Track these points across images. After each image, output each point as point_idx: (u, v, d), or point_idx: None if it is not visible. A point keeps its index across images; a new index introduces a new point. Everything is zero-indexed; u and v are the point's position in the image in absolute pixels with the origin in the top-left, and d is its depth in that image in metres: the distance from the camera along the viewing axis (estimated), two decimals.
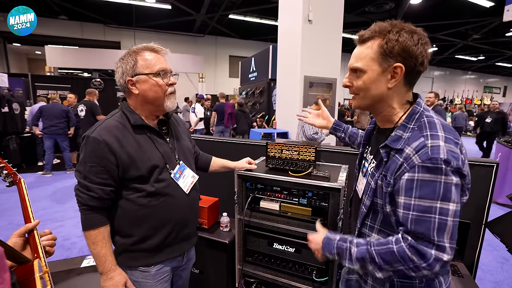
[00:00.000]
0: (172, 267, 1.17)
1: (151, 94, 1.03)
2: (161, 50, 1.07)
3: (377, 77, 0.77)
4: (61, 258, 2.55)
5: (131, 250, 1.06)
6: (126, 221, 1.05)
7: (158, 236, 1.07)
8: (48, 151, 5.13)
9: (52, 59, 9.76)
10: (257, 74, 7.61)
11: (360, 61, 0.79)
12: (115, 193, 1.03)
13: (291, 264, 1.41)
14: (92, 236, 0.98)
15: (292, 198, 1.37)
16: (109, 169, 0.98)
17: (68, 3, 10.00)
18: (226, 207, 1.81)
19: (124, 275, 1.03)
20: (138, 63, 1.01)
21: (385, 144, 0.78)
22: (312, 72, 3.81)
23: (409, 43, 0.73)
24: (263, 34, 13.51)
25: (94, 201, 0.98)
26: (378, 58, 0.76)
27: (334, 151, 1.72)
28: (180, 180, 1.12)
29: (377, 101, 0.81)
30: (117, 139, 0.99)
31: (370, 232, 0.86)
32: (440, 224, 0.66)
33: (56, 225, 3.21)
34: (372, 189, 0.82)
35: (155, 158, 1.05)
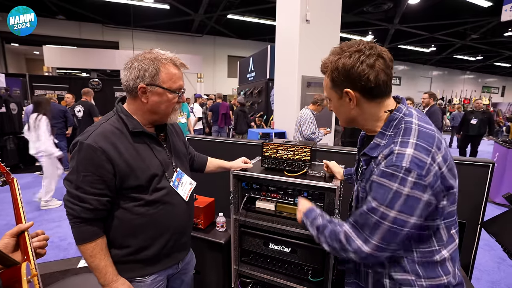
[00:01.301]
0: (167, 275, 1.13)
1: (161, 108, 0.99)
2: (183, 66, 1.03)
3: (339, 103, 0.85)
4: (58, 259, 2.55)
5: (126, 262, 1.01)
6: (122, 231, 0.99)
7: (155, 246, 1.03)
8: None
9: (50, 59, 9.74)
10: (255, 74, 7.60)
11: (325, 91, 0.88)
12: (111, 203, 0.96)
13: (286, 264, 1.40)
14: (89, 249, 0.92)
15: (287, 198, 1.37)
16: (106, 178, 0.91)
17: (66, 3, 9.98)
18: (222, 207, 1.81)
19: (127, 284, 0.99)
20: (160, 75, 0.95)
21: (363, 152, 0.82)
22: (310, 72, 3.81)
23: (348, 67, 0.77)
24: (261, 34, 13.51)
25: (88, 213, 0.91)
26: (333, 87, 0.83)
27: (331, 151, 1.72)
28: (179, 187, 1.09)
29: (352, 121, 0.87)
30: (114, 146, 0.92)
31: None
32: (375, 225, 0.71)
33: (53, 225, 3.20)
34: (356, 196, 0.87)
35: (154, 166, 1.00)
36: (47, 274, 2.27)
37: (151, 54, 0.97)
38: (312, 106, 3.31)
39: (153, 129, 1.08)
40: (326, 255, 1.29)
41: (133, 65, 0.95)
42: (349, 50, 0.77)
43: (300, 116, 3.27)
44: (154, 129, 1.08)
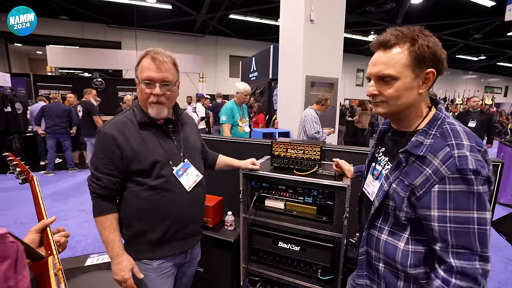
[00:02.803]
0: (175, 263, 1.20)
1: (139, 98, 1.11)
2: (157, 59, 1.04)
3: (410, 84, 0.76)
4: (66, 257, 2.57)
5: (134, 242, 1.12)
6: (129, 212, 1.11)
7: (157, 231, 1.11)
8: (50, 151, 5.15)
9: (53, 59, 9.78)
10: (258, 74, 7.60)
11: (391, 68, 0.76)
12: (121, 184, 1.09)
13: (296, 263, 1.41)
14: (101, 222, 1.06)
15: (297, 197, 1.38)
16: (115, 161, 1.05)
17: (69, 3, 10.00)
18: (231, 206, 1.82)
19: (131, 261, 1.08)
20: (139, 66, 1.07)
21: (405, 149, 0.77)
22: (314, 71, 3.81)
23: (437, 48, 0.74)
24: (264, 34, 13.50)
25: (102, 190, 1.06)
26: (412, 64, 0.74)
27: (339, 150, 1.73)
28: (182, 177, 1.14)
29: (406, 108, 0.80)
30: (122, 133, 1.06)
31: (380, 233, 0.86)
32: (480, 234, 0.67)
33: (60, 224, 3.15)
34: (383, 191, 0.83)
35: (157, 153, 1.09)
36: None
37: (146, 50, 1.09)
38: (316, 105, 3.32)
39: (163, 121, 1.16)
40: (335, 253, 1.30)
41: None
42: (431, 35, 0.75)
43: (304, 116, 3.27)
44: (164, 121, 1.17)
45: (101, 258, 2.17)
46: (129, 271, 1.06)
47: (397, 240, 0.81)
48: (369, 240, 0.91)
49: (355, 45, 14.37)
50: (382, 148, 0.96)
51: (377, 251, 0.87)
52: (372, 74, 0.80)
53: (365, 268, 0.94)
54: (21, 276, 0.43)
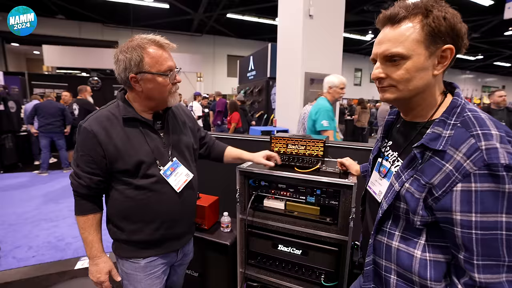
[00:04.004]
0: (165, 262, 1.12)
1: (155, 93, 0.98)
2: (168, 45, 0.99)
3: (424, 63, 0.64)
4: (55, 260, 2.46)
5: (121, 241, 1.06)
6: (116, 211, 1.04)
7: (145, 231, 1.04)
8: (44, 150, 5.02)
9: (49, 59, 9.62)
10: (256, 72, 7.52)
11: (400, 45, 0.64)
12: (104, 183, 1.02)
13: (297, 267, 1.31)
14: (81, 221, 1.02)
15: (298, 196, 1.28)
16: (97, 160, 0.97)
17: (66, 2, 9.89)
18: (227, 206, 1.71)
19: (109, 263, 1.06)
20: (145, 60, 0.93)
21: (421, 143, 0.66)
22: (313, 68, 3.72)
23: (456, 20, 0.62)
24: (261, 33, 13.46)
25: (83, 189, 0.99)
26: (426, 40, 0.63)
27: (343, 146, 1.63)
28: (171, 177, 1.05)
29: (419, 93, 0.68)
30: (105, 130, 0.96)
31: (390, 240, 0.74)
32: (508, 241, 0.57)
33: (50, 225, 3.10)
34: (394, 191, 0.71)
35: (143, 153, 1.00)
36: (43, 276, 2.17)
37: (132, 41, 0.96)
38: None
39: (151, 116, 1.05)
40: (340, 258, 1.20)
41: (119, 57, 0.96)
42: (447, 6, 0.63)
43: (304, 113, 3.17)
44: (152, 116, 1.05)
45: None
46: (105, 273, 1.04)
47: (412, 247, 0.70)
48: (376, 247, 0.79)
49: (353, 45, 14.33)
50: (389, 141, 0.85)
51: (388, 260, 0.75)
52: (378, 54, 0.69)
53: (373, 280, 0.82)
54: None
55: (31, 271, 2.28)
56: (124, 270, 1.07)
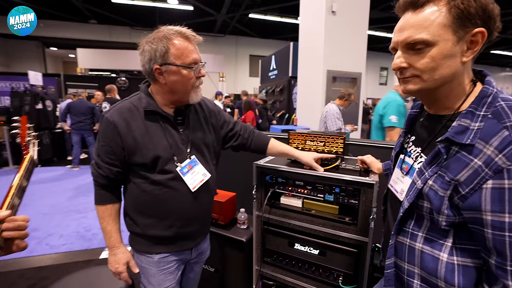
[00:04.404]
0: (179, 258, 1.11)
1: (178, 86, 0.97)
2: (194, 37, 0.97)
3: (452, 50, 0.58)
4: (83, 248, 2.61)
5: (136, 234, 1.07)
6: (132, 204, 1.05)
7: (158, 227, 1.04)
8: (75, 146, 5.35)
9: (83, 61, 10.25)
10: (278, 72, 7.47)
11: (424, 31, 0.58)
12: (122, 175, 1.03)
13: (314, 268, 1.27)
14: (100, 211, 1.03)
15: (316, 194, 1.23)
16: (116, 151, 0.97)
17: (98, 7, 10.48)
18: (244, 203, 1.71)
19: (127, 254, 1.06)
20: (170, 52, 0.91)
21: (445, 137, 0.61)
22: (336, 66, 3.62)
23: (487, 0, 0.56)
24: (283, 33, 13.37)
25: (102, 179, 1.01)
26: (453, 24, 0.57)
27: (364, 144, 1.56)
28: (187, 175, 1.02)
29: (445, 82, 0.62)
30: (126, 121, 0.96)
31: (413, 241, 0.69)
32: None
33: (79, 216, 3.30)
34: (417, 189, 0.66)
35: (160, 147, 0.98)
36: (72, 263, 2.31)
37: (159, 32, 0.94)
38: (339, 101, 3.14)
39: (172, 111, 1.03)
40: (360, 260, 1.14)
41: (145, 48, 0.94)
42: None
43: (326, 111, 3.10)
44: (174, 111, 1.03)
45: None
46: (123, 264, 1.04)
47: (437, 250, 0.64)
48: (398, 249, 0.73)
49: (378, 42, 13.79)
50: (412, 137, 0.78)
51: (411, 263, 0.69)
52: (399, 43, 0.63)
53: (394, 284, 0.76)
54: None
55: (61, 258, 2.43)
56: (139, 263, 1.08)
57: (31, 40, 13.28)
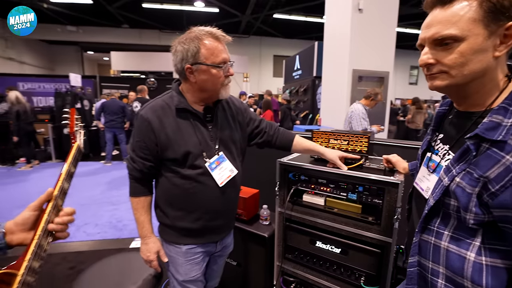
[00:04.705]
0: (205, 250, 1.17)
1: (208, 85, 1.01)
2: (224, 37, 1.01)
3: (483, 44, 0.57)
4: (115, 238, 2.80)
5: (165, 225, 1.13)
6: (163, 197, 1.11)
7: (186, 219, 1.09)
8: (108, 143, 5.73)
9: (116, 63, 10.90)
10: (302, 72, 7.42)
11: (453, 26, 0.57)
12: (155, 169, 1.08)
13: (335, 266, 1.27)
14: (134, 202, 1.10)
15: (339, 193, 1.24)
16: (150, 146, 1.03)
17: (130, 13, 11.09)
18: (267, 200, 1.74)
19: (158, 244, 1.12)
20: (201, 52, 0.95)
21: (475, 133, 0.59)
22: (362, 65, 3.53)
23: None
24: (308, 32, 13.21)
25: (136, 173, 1.07)
26: (485, 18, 0.56)
27: (389, 144, 1.52)
28: (215, 171, 1.07)
29: (476, 78, 0.60)
30: (159, 118, 1.01)
31: (438, 240, 0.68)
32: None
33: (111, 208, 3.54)
34: (443, 186, 0.65)
35: (191, 144, 1.03)
36: (105, 250, 2.49)
37: (191, 33, 0.98)
38: (365, 100, 3.06)
39: (202, 108, 1.08)
40: (383, 261, 1.13)
41: (177, 48, 0.99)
42: None
43: (351, 111, 3.04)
44: (203, 109, 1.08)
45: None
46: (154, 253, 1.10)
47: (464, 249, 0.62)
48: (422, 248, 0.72)
49: (408, 40, 13.13)
50: (440, 134, 0.77)
51: (435, 262, 0.68)
52: (426, 39, 0.62)
53: (417, 283, 0.75)
54: None
55: (96, 245, 2.64)
56: (168, 252, 1.14)
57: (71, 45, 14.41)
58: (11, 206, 3.56)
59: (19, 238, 0.62)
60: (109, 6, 10.29)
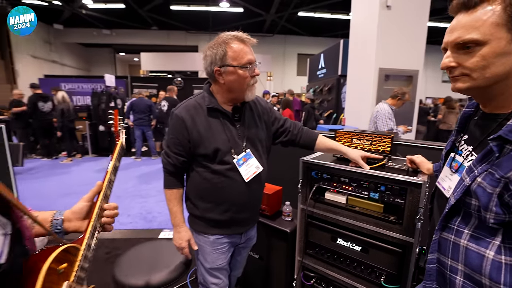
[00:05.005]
0: (230, 241, 1.25)
1: (235, 85, 1.08)
2: (249, 40, 1.09)
3: (506, 48, 0.59)
4: (145, 228, 3.00)
5: (195, 217, 1.22)
6: (193, 190, 1.19)
7: (215, 212, 1.18)
8: (137, 140, 6.08)
9: (145, 64, 11.47)
10: (326, 70, 7.31)
11: (475, 31, 0.60)
12: (187, 164, 1.17)
13: (356, 264, 1.30)
14: (168, 194, 1.20)
15: (361, 192, 1.26)
16: (183, 143, 1.12)
17: (158, 15, 11.59)
18: (290, 197, 1.79)
19: (189, 233, 1.22)
20: (228, 54, 1.03)
21: (498, 135, 0.60)
22: (389, 63, 3.44)
23: None
24: (333, 30, 12.93)
25: (170, 167, 1.16)
26: (508, 23, 0.57)
27: (414, 145, 1.51)
28: (242, 167, 1.15)
29: (499, 80, 0.62)
30: (192, 117, 1.10)
31: (458, 238, 0.69)
32: None
33: (141, 200, 3.78)
34: (464, 186, 0.66)
35: (220, 141, 1.11)
36: (136, 239, 2.69)
37: (219, 38, 1.07)
38: (391, 100, 2.99)
39: (231, 108, 1.16)
40: (404, 260, 1.14)
41: (207, 53, 1.09)
42: None
43: (376, 111, 2.99)
44: (232, 109, 1.16)
45: (172, 233, 2.44)
46: (185, 241, 1.20)
47: (483, 247, 0.64)
48: (442, 245, 0.74)
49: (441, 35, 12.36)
50: (464, 135, 0.78)
51: (454, 259, 0.70)
52: (449, 43, 0.64)
53: (436, 279, 0.77)
54: None
55: (128, 234, 2.86)
56: (197, 241, 1.24)
57: (105, 47, 15.39)
58: (55, 195, 3.94)
59: (75, 225, 0.72)
60: (140, 9, 10.84)
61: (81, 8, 10.59)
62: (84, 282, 0.63)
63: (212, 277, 1.26)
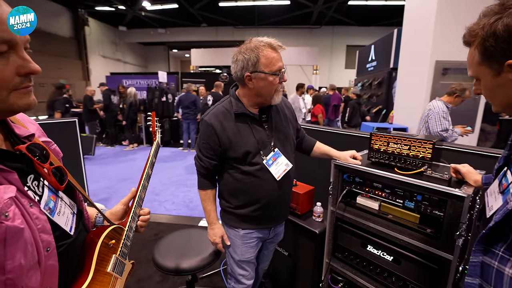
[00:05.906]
0: (259, 236, 1.31)
1: (264, 91, 1.11)
2: (280, 47, 1.10)
3: (495, 82, 0.63)
4: (187, 215, 3.26)
5: (228, 212, 1.29)
6: (226, 189, 1.26)
7: (247, 209, 1.24)
8: (184, 132, 6.55)
9: (195, 60, 12.14)
10: (377, 63, 6.79)
11: (470, 69, 0.69)
12: (219, 166, 1.24)
13: (386, 274, 1.24)
14: (202, 194, 1.28)
15: (395, 199, 1.18)
16: (214, 148, 1.17)
17: (208, 12, 12.08)
18: (322, 198, 1.77)
19: (222, 229, 1.30)
20: (260, 61, 1.05)
21: None
22: (448, 55, 3.04)
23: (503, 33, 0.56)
24: (387, 18, 11.85)
25: (203, 170, 1.24)
26: (485, 61, 0.62)
27: (462, 150, 1.34)
28: (272, 166, 1.19)
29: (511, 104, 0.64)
30: (221, 123, 1.15)
31: (502, 266, 0.61)
32: None
33: (185, 190, 4.08)
34: (506, 210, 0.59)
35: (249, 144, 1.15)
36: (179, 225, 2.94)
37: (250, 43, 1.09)
38: (448, 97, 2.66)
39: (257, 111, 1.19)
40: (441, 278, 1.05)
41: (238, 57, 1.09)
42: (508, 13, 0.56)
43: (429, 109, 2.69)
44: (258, 111, 1.19)
45: None
46: (219, 237, 1.29)
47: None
48: (485, 271, 0.66)
49: None
50: None
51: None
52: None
53: None
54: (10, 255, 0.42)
55: (172, 219, 3.13)
56: (228, 235, 1.31)
57: (160, 45, 16.71)
58: (118, 178, 4.51)
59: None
60: (191, 8, 11.44)
61: (141, 10, 11.66)
62: (126, 257, 0.77)
63: (240, 268, 1.33)
